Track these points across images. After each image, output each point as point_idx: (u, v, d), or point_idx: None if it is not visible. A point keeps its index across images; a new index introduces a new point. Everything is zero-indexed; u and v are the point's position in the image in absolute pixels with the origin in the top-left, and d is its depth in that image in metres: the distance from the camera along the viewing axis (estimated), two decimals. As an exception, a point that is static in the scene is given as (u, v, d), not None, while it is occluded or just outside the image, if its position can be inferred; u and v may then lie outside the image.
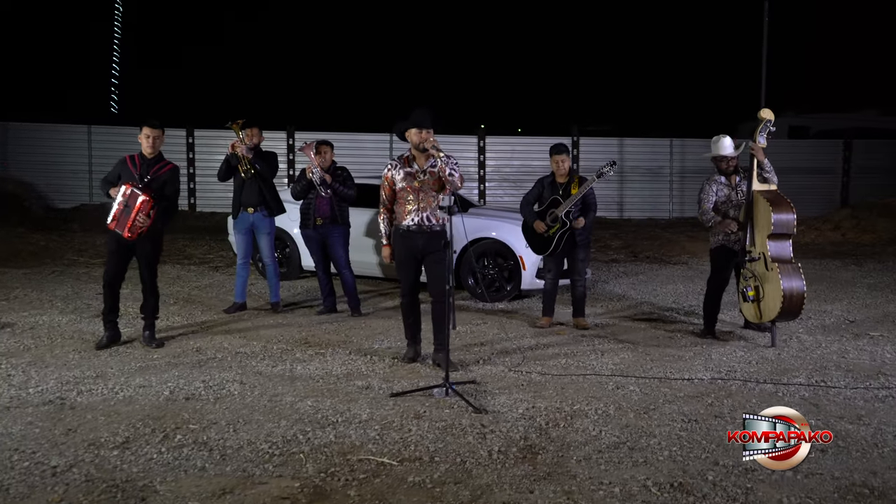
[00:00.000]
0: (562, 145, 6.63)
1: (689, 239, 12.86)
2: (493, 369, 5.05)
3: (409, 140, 5.05)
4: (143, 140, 5.67)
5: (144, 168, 5.66)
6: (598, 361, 5.26)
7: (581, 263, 6.59)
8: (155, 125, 5.71)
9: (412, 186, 5.02)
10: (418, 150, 5.03)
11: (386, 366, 5.16)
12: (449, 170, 4.85)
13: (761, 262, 5.60)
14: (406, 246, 5.10)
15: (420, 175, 5.05)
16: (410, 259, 5.14)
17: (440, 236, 5.06)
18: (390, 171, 5.15)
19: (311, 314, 7.07)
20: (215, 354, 5.47)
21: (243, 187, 7.03)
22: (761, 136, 5.77)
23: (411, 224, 5.03)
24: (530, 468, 3.40)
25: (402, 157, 5.17)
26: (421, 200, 5.03)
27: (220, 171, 7.15)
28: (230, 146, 7.03)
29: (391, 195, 5.18)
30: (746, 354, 5.43)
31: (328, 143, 7.07)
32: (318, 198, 6.92)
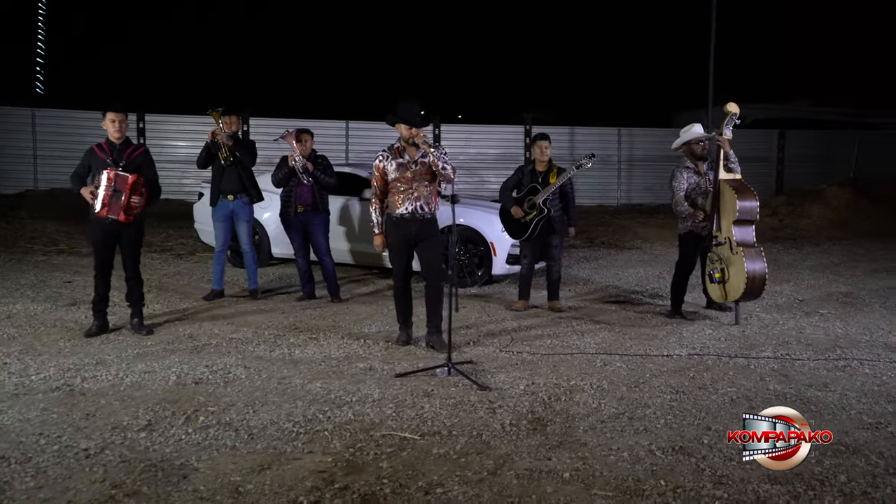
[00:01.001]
0: (542, 134, 6.93)
1: (640, 225, 13.42)
2: (485, 350, 5.31)
3: (399, 133, 5.23)
4: (109, 125, 5.63)
5: (116, 154, 5.65)
6: (581, 341, 5.58)
7: (556, 249, 6.91)
8: (119, 108, 5.68)
9: (405, 177, 5.21)
10: (407, 143, 5.21)
11: (382, 348, 5.35)
12: (441, 164, 5.08)
13: (727, 246, 6.02)
14: (399, 233, 5.28)
15: (412, 165, 5.24)
16: (404, 246, 5.33)
17: (432, 223, 5.28)
18: (382, 161, 5.31)
19: (291, 301, 7.19)
20: (209, 340, 5.55)
21: (223, 175, 7.07)
22: (727, 128, 6.17)
23: (405, 212, 5.21)
24: (543, 438, 3.67)
25: (392, 147, 5.34)
26: (414, 190, 5.21)
27: (199, 159, 7.17)
28: (210, 133, 7.06)
29: (383, 185, 5.34)
30: (714, 332, 5.85)
31: (308, 131, 7.17)
32: (299, 185, 7.02)
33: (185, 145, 14.87)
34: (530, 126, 16.44)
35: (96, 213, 5.53)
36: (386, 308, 6.78)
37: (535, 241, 6.86)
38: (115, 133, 5.64)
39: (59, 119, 15.05)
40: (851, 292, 7.60)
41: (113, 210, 5.50)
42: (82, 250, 10.30)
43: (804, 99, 24.27)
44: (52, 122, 15.01)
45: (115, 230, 5.64)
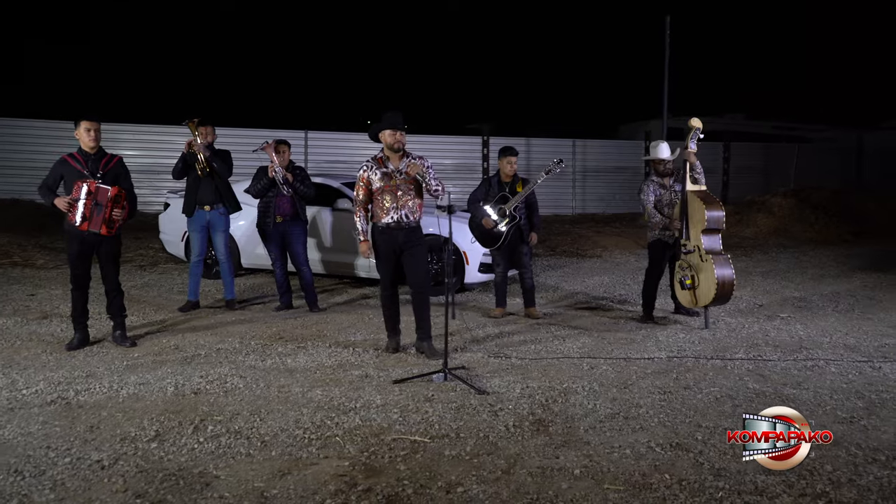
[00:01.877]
0: (513, 148, 7.13)
1: (597, 234, 13.81)
2: (474, 356, 5.46)
3: (383, 141, 5.36)
4: (83, 134, 5.57)
5: (92, 164, 5.59)
6: (564, 346, 5.78)
7: (526, 257, 7.12)
8: (93, 117, 5.63)
9: (389, 186, 5.32)
10: (392, 151, 5.34)
11: (373, 356, 5.44)
12: (435, 184, 5.27)
13: (696, 253, 6.33)
14: (385, 242, 5.39)
15: (396, 175, 5.36)
16: (390, 254, 5.44)
17: (417, 231, 5.42)
18: (366, 171, 5.42)
19: (269, 311, 7.20)
20: (197, 351, 5.54)
21: (199, 185, 7.05)
22: (692, 142, 6.49)
23: (390, 222, 5.32)
24: (547, 438, 3.84)
25: (375, 157, 5.45)
26: (399, 199, 5.33)
27: (175, 169, 7.13)
28: (186, 144, 7.04)
29: (367, 195, 5.45)
30: (687, 335, 6.14)
31: (286, 142, 7.22)
32: (278, 196, 7.05)
33: (138, 154, 14.60)
34: (487, 137, 16.72)
35: (77, 227, 5.45)
36: (367, 317, 6.87)
37: (507, 250, 7.05)
38: (89, 142, 5.57)
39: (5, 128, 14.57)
40: (804, 297, 8.04)
41: (94, 223, 5.44)
42: (37, 262, 10.05)
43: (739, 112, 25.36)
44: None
45: (94, 242, 5.58)
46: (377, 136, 5.45)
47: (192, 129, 7.01)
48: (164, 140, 14.82)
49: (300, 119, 18.36)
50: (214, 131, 7.24)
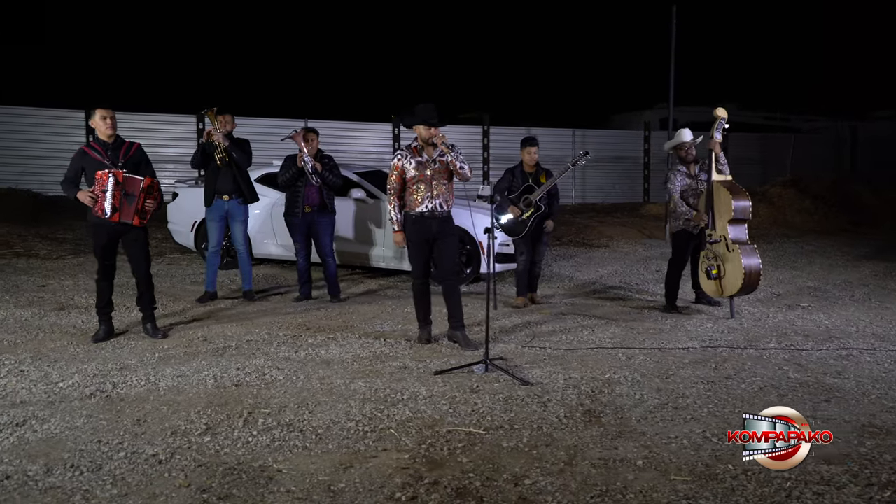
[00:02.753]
0: (533, 138, 7.10)
1: (601, 224, 13.80)
2: (507, 346, 5.43)
3: (418, 133, 5.32)
4: (100, 123, 5.45)
5: (113, 153, 5.48)
6: (595, 336, 5.77)
7: (544, 246, 7.15)
8: (108, 106, 5.51)
9: (424, 175, 5.29)
10: (426, 143, 5.33)
11: (406, 347, 5.40)
12: (459, 164, 5.21)
13: (722, 243, 6.33)
14: (419, 231, 5.35)
15: (431, 164, 5.33)
16: (423, 243, 5.40)
17: (450, 221, 5.39)
18: (400, 160, 5.37)
19: (288, 301, 7.13)
20: (227, 343, 5.47)
21: (218, 175, 6.94)
22: (717, 131, 6.49)
23: (424, 210, 5.29)
24: (601, 429, 3.82)
25: (409, 146, 5.42)
26: (433, 188, 5.30)
27: (194, 159, 7.02)
28: (205, 134, 6.92)
29: (401, 183, 5.40)
30: (715, 325, 6.15)
31: (315, 130, 7.13)
32: (307, 186, 6.97)
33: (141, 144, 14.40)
34: (488, 126, 16.65)
35: (108, 219, 5.34)
36: (389, 307, 6.82)
37: (529, 239, 7.03)
38: (106, 130, 5.46)
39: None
40: (819, 286, 8.09)
41: (126, 214, 5.34)
42: (40, 252, 9.89)
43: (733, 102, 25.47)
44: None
45: (121, 232, 5.48)
46: (411, 126, 5.39)
47: (211, 118, 6.90)
48: (166, 129, 14.63)
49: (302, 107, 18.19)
50: (234, 120, 7.13)
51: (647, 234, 12.84)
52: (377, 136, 16.14)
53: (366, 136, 16.11)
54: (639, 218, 14.96)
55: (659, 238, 12.48)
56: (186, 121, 14.87)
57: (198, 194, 8.02)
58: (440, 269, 5.51)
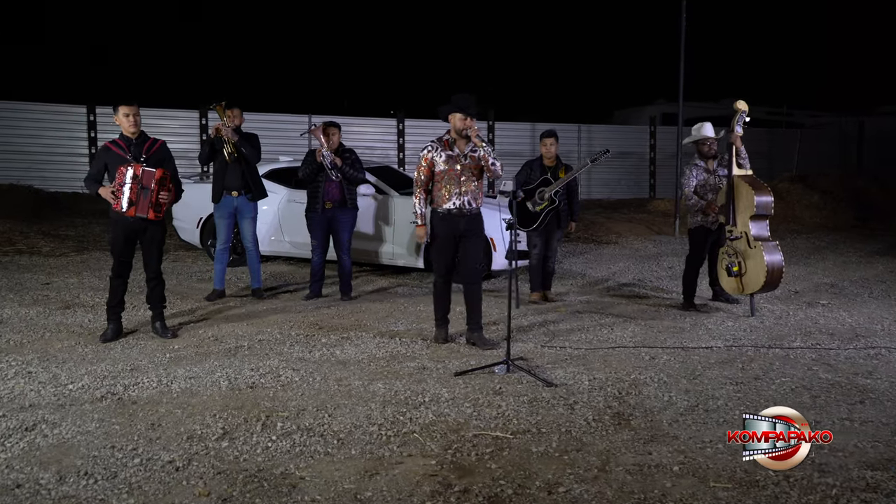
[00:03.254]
0: (550, 131, 6.99)
1: (608, 220, 13.66)
2: (526, 346, 5.30)
3: (452, 124, 5.14)
4: (124, 120, 5.33)
5: (136, 149, 5.37)
6: (614, 334, 5.64)
7: (556, 242, 7.01)
8: (131, 101, 5.38)
9: (454, 170, 5.12)
10: (459, 136, 5.13)
11: (423, 347, 5.26)
12: (492, 160, 5.04)
13: (743, 240, 6.19)
14: (446, 228, 5.19)
15: (462, 159, 5.16)
16: (449, 241, 5.23)
17: (479, 219, 5.22)
18: (430, 153, 5.20)
19: (297, 299, 6.99)
20: (238, 343, 5.33)
21: (226, 170, 6.80)
22: (738, 125, 6.35)
23: (452, 207, 5.13)
24: (633, 433, 3.69)
25: (441, 139, 5.24)
26: (462, 184, 5.13)
27: (201, 154, 6.89)
28: (213, 129, 6.77)
29: (429, 176, 5.23)
30: (736, 324, 6.02)
31: (335, 124, 6.97)
32: (327, 181, 6.83)
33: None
34: (493, 122, 16.50)
35: (124, 213, 5.21)
36: (402, 306, 6.69)
37: (543, 232, 6.90)
38: (129, 127, 5.34)
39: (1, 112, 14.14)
40: (836, 283, 7.96)
41: (141, 208, 5.21)
42: (42, 249, 9.75)
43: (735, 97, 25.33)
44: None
45: (138, 229, 5.35)
46: (447, 117, 5.21)
47: (219, 112, 6.74)
48: (169, 124, 14.45)
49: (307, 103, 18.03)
50: (242, 114, 6.98)
51: (655, 231, 12.71)
52: (382, 131, 15.98)
53: (370, 131, 15.95)
54: (646, 214, 14.82)
55: (668, 234, 12.35)
56: (189, 116, 14.70)
57: (203, 190, 7.88)
58: (465, 268, 5.33)
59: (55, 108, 14.10)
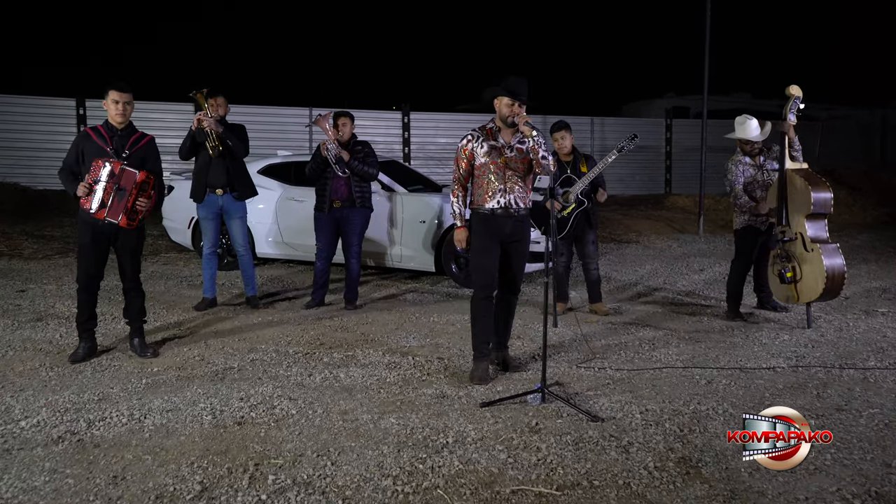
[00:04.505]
0: (561, 122, 6.24)
1: (625, 217, 12.95)
2: (559, 366, 4.59)
3: (498, 110, 4.34)
4: (112, 106, 4.63)
5: (118, 141, 4.67)
6: (658, 352, 4.93)
7: (591, 245, 6.25)
8: (124, 88, 4.68)
9: (497, 163, 4.32)
10: (505, 124, 4.33)
11: (439, 367, 4.56)
12: (542, 152, 4.24)
13: (798, 242, 5.48)
14: (489, 231, 4.33)
15: (507, 151, 4.35)
16: (494, 247, 4.33)
17: (526, 222, 4.45)
18: (470, 142, 4.38)
19: (297, 308, 6.29)
20: (228, 363, 4.64)
21: (209, 166, 6.09)
22: (791, 112, 5.64)
23: (496, 207, 4.31)
24: (707, 487, 2.99)
25: (483, 127, 4.43)
26: (507, 180, 4.32)
27: (182, 148, 6.15)
28: (195, 119, 6.03)
29: (468, 170, 4.41)
30: (793, 337, 5.31)
31: (347, 114, 6.25)
32: (334, 178, 6.12)
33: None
34: (500, 115, 15.75)
35: (91, 214, 4.52)
36: (412, 316, 5.99)
37: (570, 238, 6.19)
38: (117, 116, 4.63)
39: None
40: (887, 287, 7.25)
41: (113, 212, 4.51)
42: (24, 251, 9.06)
43: (746, 91, 24.63)
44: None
45: (110, 234, 4.66)
46: (492, 101, 4.39)
47: (200, 101, 6.02)
48: (159, 118, 13.74)
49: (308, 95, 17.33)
50: (227, 104, 6.27)
51: (677, 229, 11.99)
52: (385, 124, 15.24)
53: (373, 124, 15.20)
54: (665, 210, 14.11)
55: (691, 232, 11.63)
56: (184, 109, 13.97)
57: (194, 188, 7.19)
58: (508, 280, 4.48)
59: (42, 101, 13.37)
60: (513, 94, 4.23)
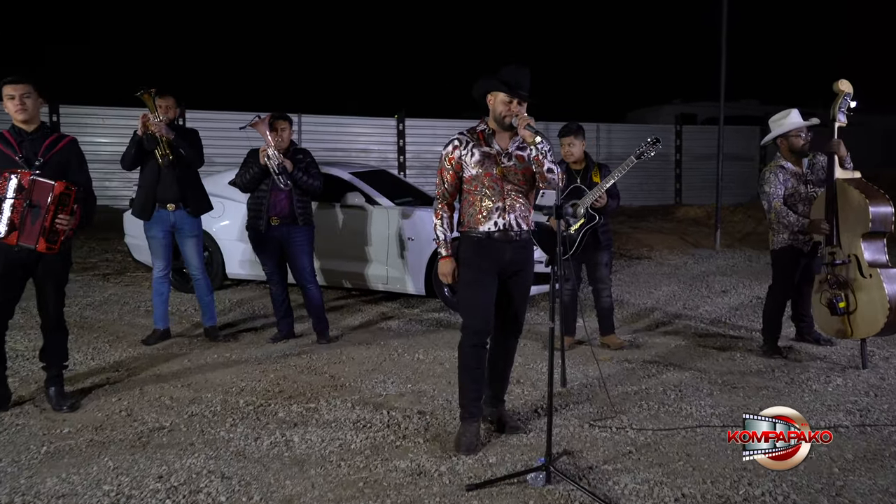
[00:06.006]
0: (571, 125, 5.31)
1: (634, 229, 12.07)
2: (566, 424, 3.71)
3: (491, 108, 3.46)
4: (9, 105, 3.81)
5: (29, 147, 3.83)
6: (689, 404, 4.04)
7: (604, 268, 5.36)
8: (17, 79, 3.82)
9: (492, 175, 3.45)
10: (501, 126, 3.44)
11: (420, 425, 3.68)
12: (548, 163, 3.34)
13: (853, 265, 4.60)
14: (484, 260, 3.43)
15: (503, 159, 3.47)
16: (489, 279, 3.43)
17: (529, 248, 3.55)
18: (457, 149, 3.47)
19: (263, 342, 5.43)
20: (159, 420, 3.76)
21: (159, 177, 5.24)
22: (841, 112, 4.78)
23: (493, 229, 3.42)
24: None
25: (473, 129, 3.53)
26: (506, 196, 3.44)
27: (125, 157, 5.28)
28: (140, 123, 5.17)
29: (455, 184, 3.52)
30: (848, 382, 4.42)
31: (286, 117, 5.38)
32: (273, 191, 5.26)
33: (108, 142, 12.71)
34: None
35: (1, 239, 3.67)
36: (394, 352, 5.12)
37: (580, 259, 5.31)
38: (18, 115, 3.81)
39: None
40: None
41: (28, 235, 3.67)
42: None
43: (753, 98, 23.94)
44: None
45: (27, 261, 3.81)
46: (484, 97, 3.50)
47: (148, 102, 5.15)
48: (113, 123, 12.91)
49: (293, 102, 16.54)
50: (178, 105, 5.41)
51: (691, 243, 11.10)
52: (379, 132, 14.40)
53: (367, 132, 14.38)
54: (676, 223, 13.24)
55: (707, 247, 10.74)
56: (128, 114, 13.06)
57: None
58: (507, 319, 3.58)
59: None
60: (511, 89, 3.35)
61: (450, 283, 3.55)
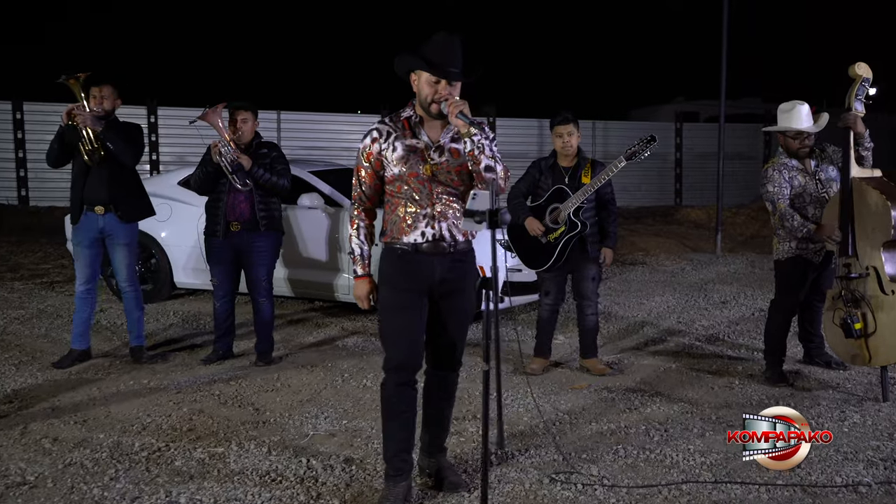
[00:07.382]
0: (567, 116, 4.59)
1: (630, 232, 11.37)
2: (523, 479, 3.01)
3: (417, 89, 2.77)
4: None
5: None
6: (675, 449, 3.35)
7: (591, 283, 4.62)
8: None
9: (418, 174, 2.79)
10: (428, 113, 2.79)
11: (341, 482, 2.99)
12: (485, 159, 2.68)
13: (871, 279, 3.91)
14: (409, 279, 2.80)
15: (433, 154, 2.81)
16: (416, 302, 2.81)
17: (468, 261, 2.88)
18: (375, 142, 2.81)
19: (194, 363, 4.75)
20: (25, 473, 3.09)
21: (87, 177, 4.58)
22: (857, 100, 4.08)
23: (420, 241, 2.79)
24: None
25: (395, 117, 2.86)
26: (436, 200, 2.80)
27: (49, 153, 4.63)
28: (65, 114, 4.50)
29: (374, 187, 2.88)
30: (866, 419, 3.72)
31: (246, 106, 4.68)
32: (230, 191, 4.59)
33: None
34: (494, 119, 14.26)
35: None
36: (339, 377, 4.44)
37: (561, 271, 4.61)
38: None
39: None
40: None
41: None
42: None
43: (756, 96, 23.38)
44: None
45: None
46: (408, 75, 2.82)
47: (74, 89, 4.51)
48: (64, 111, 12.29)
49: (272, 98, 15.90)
50: (116, 95, 4.73)
51: (690, 247, 10.38)
52: (362, 129, 13.71)
53: (350, 129, 13.71)
54: (675, 225, 12.54)
55: (707, 251, 10.02)
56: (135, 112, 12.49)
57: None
58: (440, 350, 2.93)
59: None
60: (435, 68, 2.66)
61: (367, 309, 2.86)
